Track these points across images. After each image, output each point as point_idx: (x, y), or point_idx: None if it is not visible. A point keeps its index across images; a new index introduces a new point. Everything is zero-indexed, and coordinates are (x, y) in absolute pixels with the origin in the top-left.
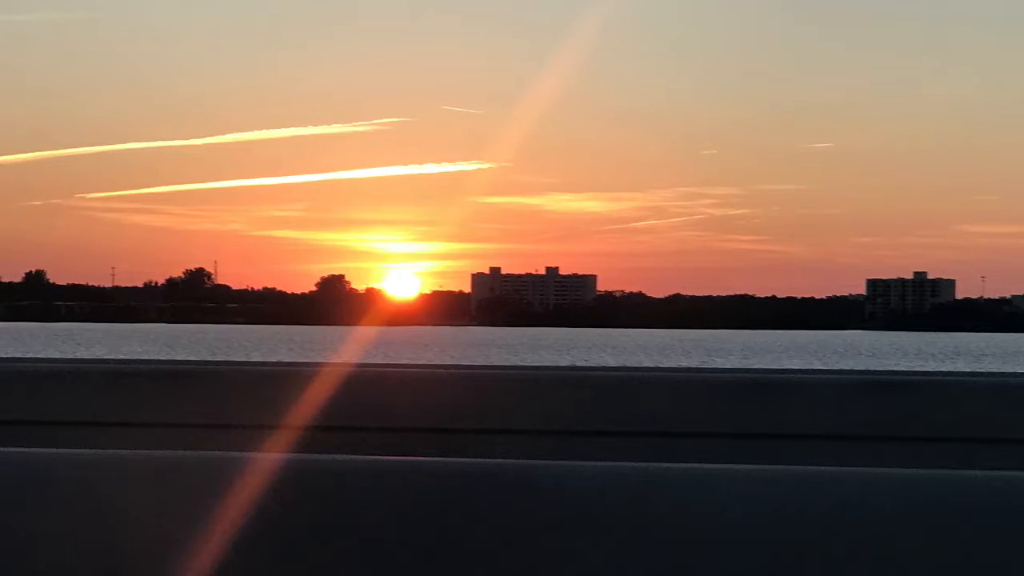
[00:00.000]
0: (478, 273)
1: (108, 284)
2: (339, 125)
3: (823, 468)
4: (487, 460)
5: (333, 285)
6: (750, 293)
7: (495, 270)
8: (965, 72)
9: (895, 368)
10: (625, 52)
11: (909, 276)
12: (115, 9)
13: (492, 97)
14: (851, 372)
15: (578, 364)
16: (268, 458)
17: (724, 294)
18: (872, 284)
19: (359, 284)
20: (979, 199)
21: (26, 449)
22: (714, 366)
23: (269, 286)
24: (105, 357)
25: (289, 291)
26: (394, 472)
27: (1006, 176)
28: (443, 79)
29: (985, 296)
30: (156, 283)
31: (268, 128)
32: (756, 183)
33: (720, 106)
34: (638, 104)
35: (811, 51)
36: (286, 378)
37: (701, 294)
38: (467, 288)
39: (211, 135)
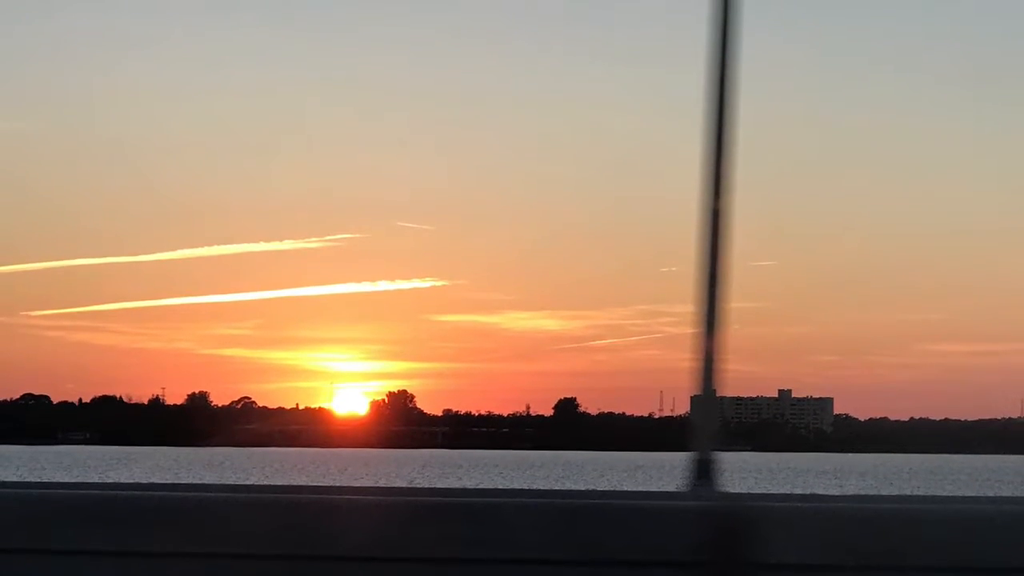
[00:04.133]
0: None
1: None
2: (291, 241)
3: None
4: None
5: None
6: None
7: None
8: (906, 191)
9: None
10: (578, 167)
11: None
12: (59, 122)
13: (446, 213)
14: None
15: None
16: None
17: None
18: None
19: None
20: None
21: None
22: None
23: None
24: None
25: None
26: None
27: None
28: (397, 195)
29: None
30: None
31: (218, 244)
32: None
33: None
34: (595, 221)
35: (760, 172)
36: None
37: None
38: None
39: (159, 251)
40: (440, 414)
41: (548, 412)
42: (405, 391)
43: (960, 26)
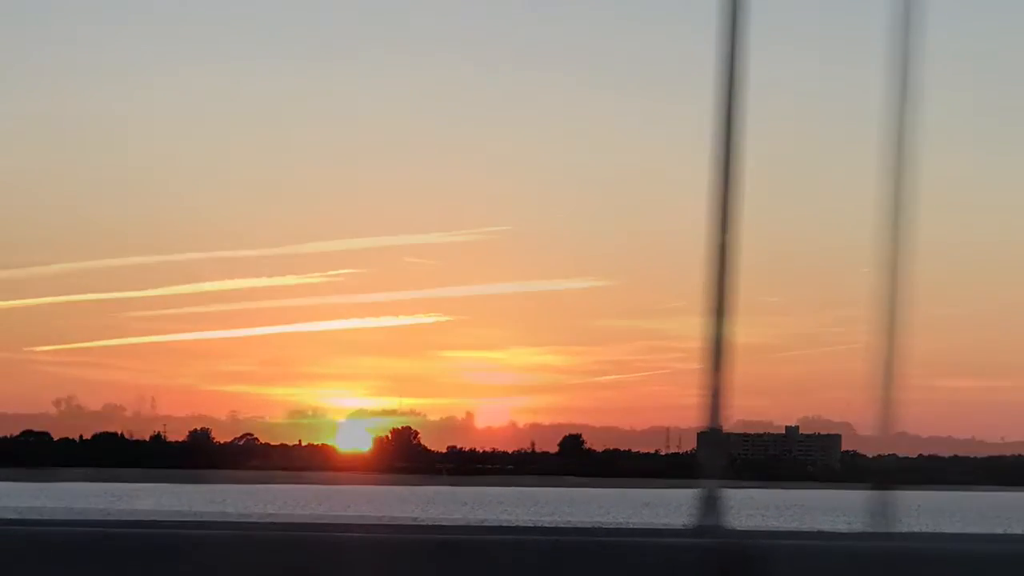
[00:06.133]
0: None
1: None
2: (294, 277)
3: None
4: None
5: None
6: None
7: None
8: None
9: None
10: (583, 200)
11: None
12: (58, 156)
13: (450, 248)
14: None
15: None
16: None
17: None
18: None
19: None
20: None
21: None
22: None
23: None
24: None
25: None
26: None
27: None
28: (399, 230)
29: None
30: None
31: (218, 280)
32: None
33: (688, 259)
34: (599, 256)
35: (767, 206)
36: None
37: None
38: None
39: (161, 287)
40: (445, 451)
41: (553, 449)
42: (409, 428)
43: (967, 56)
